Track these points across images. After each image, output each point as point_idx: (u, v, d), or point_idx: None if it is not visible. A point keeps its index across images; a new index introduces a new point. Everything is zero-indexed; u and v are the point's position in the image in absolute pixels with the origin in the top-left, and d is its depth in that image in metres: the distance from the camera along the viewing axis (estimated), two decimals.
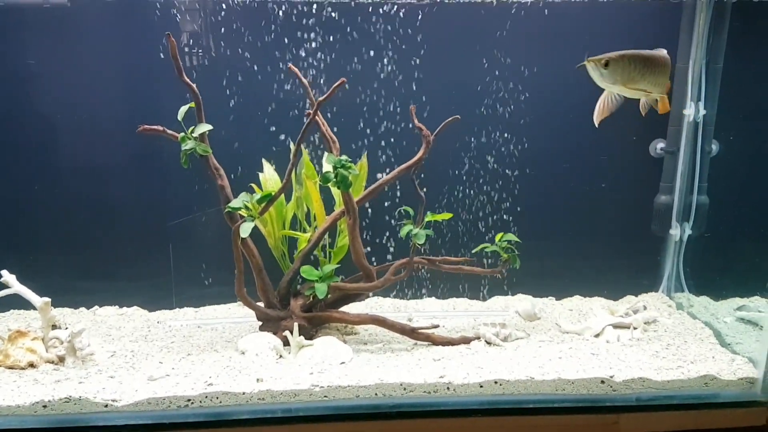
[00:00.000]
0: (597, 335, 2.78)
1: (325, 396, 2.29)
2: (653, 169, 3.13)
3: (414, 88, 2.99)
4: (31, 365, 2.47)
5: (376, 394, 2.31)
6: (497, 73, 3.00)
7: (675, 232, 3.15)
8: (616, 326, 2.81)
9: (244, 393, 2.25)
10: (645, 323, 2.87)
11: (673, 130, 3.06)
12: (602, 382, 2.35)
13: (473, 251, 2.82)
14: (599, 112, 2.58)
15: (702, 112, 2.98)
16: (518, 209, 3.15)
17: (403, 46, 2.95)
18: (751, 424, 2.40)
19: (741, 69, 2.97)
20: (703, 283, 3.18)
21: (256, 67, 2.93)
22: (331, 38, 2.92)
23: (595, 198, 3.18)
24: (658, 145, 3.11)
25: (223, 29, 2.90)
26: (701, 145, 3.03)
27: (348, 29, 2.92)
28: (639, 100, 2.62)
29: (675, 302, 3.18)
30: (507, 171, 3.12)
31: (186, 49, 2.91)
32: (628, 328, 2.80)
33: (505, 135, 3.08)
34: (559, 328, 2.89)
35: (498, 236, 2.77)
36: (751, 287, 3.09)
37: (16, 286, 2.59)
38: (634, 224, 3.22)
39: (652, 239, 3.22)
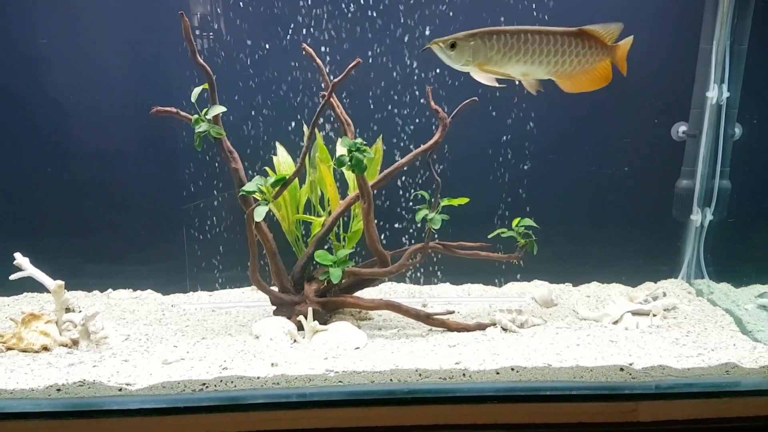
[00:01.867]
0: (615, 322, 2.75)
1: (339, 381, 2.27)
2: (675, 153, 3.08)
3: (432, 70, 2.96)
4: (45, 348, 2.47)
5: (391, 379, 2.29)
6: None
7: (696, 217, 3.12)
8: (635, 313, 2.78)
9: (258, 377, 2.24)
10: (664, 310, 2.83)
11: (695, 112, 3.01)
12: (621, 369, 2.32)
13: (489, 236, 2.78)
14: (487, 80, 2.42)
15: (725, 94, 2.93)
16: (536, 194, 3.11)
17: (421, 27, 2.90)
18: None
19: (766, 50, 2.91)
20: (723, 270, 3.15)
21: (268, 48, 2.90)
22: (347, 17, 2.88)
23: (615, 182, 3.14)
24: (680, 129, 3.06)
25: (236, 10, 2.87)
26: (724, 129, 2.98)
27: (365, 8, 2.88)
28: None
29: (695, 289, 3.14)
30: (527, 153, 3.08)
31: (198, 31, 2.89)
32: (648, 314, 2.77)
33: (524, 118, 3.03)
34: (576, 315, 2.86)
35: (515, 221, 2.74)
36: None
37: (29, 269, 2.58)
38: (654, 209, 3.18)
39: (672, 225, 3.18)
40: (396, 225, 3.12)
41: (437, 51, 2.33)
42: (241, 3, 2.86)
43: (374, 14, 2.88)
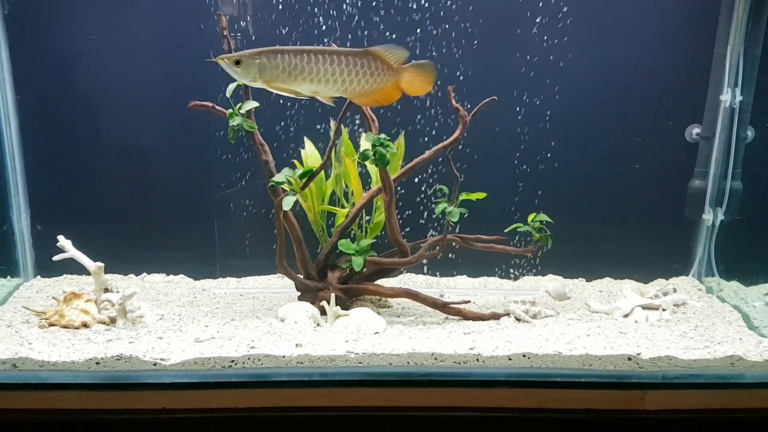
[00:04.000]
0: (626, 315, 2.80)
1: (359, 362, 2.36)
2: (688, 154, 3.12)
3: (456, 68, 3.03)
4: (85, 325, 2.57)
5: (408, 362, 2.37)
6: (534, 53, 3.01)
7: (708, 216, 3.15)
8: (645, 307, 2.82)
9: (284, 356, 2.34)
10: (674, 305, 2.87)
11: (709, 115, 3.05)
12: (629, 359, 2.37)
13: (506, 230, 2.83)
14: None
15: (739, 98, 2.96)
16: (552, 190, 3.16)
17: (444, 23, 2.98)
18: None
19: None
20: (733, 268, 3.17)
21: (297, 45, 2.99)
22: (375, 13, 2.95)
23: (629, 181, 3.17)
24: (694, 130, 3.11)
25: (265, 5, 2.95)
26: (737, 131, 3.00)
27: (392, 5, 2.95)
28: None
29: (705, 286, 3.18)
30: (543, 151, 3.13)
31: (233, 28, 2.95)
32: (658, 309, 2.82)
33: (540, 117, 3.09)
34: (588, 308, 2.91)
35: (531, 216, 2.78)
36: None
37: (71, 251, 2.68)
38: (667, 208, 3.22)
39: (684, 223, 3.22)
40: (419, 217, 3.20)
41: (224, 66, 2.38)
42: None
43: (401, 12, 2.95)
